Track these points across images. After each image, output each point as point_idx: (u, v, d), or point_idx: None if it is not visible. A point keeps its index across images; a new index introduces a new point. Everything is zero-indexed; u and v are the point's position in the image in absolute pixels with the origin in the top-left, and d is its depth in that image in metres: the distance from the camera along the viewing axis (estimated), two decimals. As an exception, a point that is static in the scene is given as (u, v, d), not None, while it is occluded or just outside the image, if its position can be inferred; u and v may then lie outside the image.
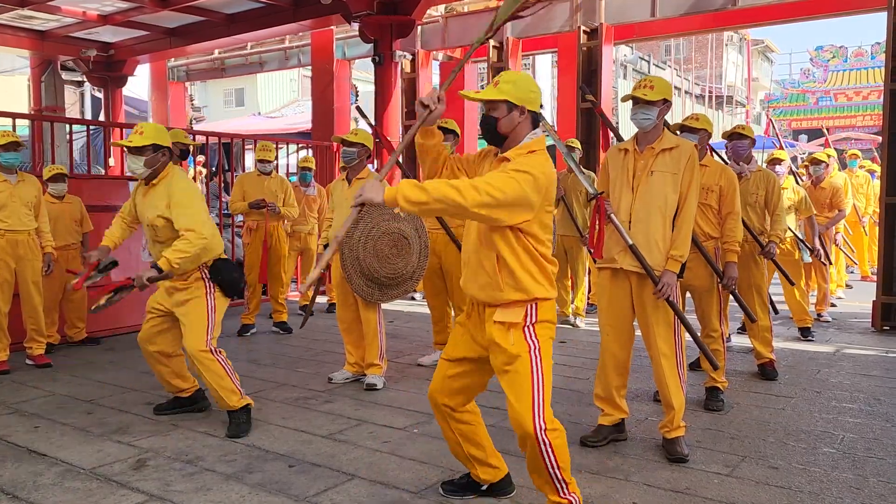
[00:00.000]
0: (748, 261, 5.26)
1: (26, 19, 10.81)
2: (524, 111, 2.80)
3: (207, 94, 30.15)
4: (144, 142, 4.04)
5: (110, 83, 13.20)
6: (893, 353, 6.22)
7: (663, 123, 3.79)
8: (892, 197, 7.20)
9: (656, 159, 3.70)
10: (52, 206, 6.15)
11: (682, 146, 3.72)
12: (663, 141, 3.73)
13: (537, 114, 2.86)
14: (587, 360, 5.91)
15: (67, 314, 6.56)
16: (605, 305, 3.87)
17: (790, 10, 9.14)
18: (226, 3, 10.12)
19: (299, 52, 14.24)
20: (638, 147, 3.78)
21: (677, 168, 3.67)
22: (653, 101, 3.67)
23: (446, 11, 11.36)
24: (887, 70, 7.21)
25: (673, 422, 3.74)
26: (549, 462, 2.77)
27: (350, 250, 4.94)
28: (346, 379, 5.33)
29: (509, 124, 2.81)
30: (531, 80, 2.90)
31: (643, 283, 3.69)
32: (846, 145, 20.61)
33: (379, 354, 5.15)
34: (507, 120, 2.81)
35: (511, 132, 2.83)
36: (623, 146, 3.86)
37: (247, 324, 7.22)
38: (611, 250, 3.75)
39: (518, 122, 2.80)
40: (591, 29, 9.52)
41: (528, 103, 2.80)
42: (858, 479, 3.44)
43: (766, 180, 5.37)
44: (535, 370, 2.78)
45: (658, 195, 3.67)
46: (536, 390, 2.76)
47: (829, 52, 29.69)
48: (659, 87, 3.69)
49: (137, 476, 3.52)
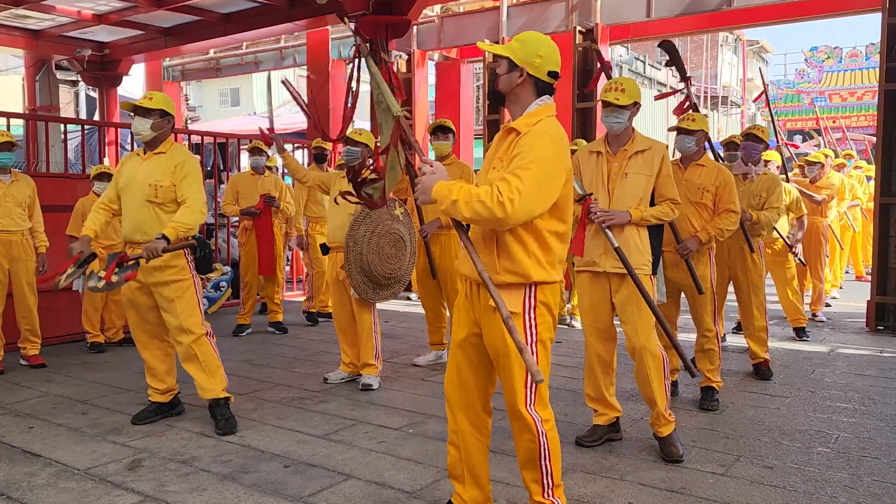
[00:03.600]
0: (745, 261, 5.28)
1: (21, 18, 10.77)
2: (523, 73, 2.64)
3: (202, 93, 30.12)
4: (154, 105, 4.19)
5: (105, 83, 13.14)
6: (888, 352, 6.24)
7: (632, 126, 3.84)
8: (887, 197, 7.23)
9: (629, 161, 3.75)
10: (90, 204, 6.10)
11: (655, 147, 3.77)
12: (635, 143, 3.78)
13: (545, 82, 2.68)
14: (582, 361, 5.89)
15: (106, 314, 6.55)
16: (587, 307, 3.91)
17: (785, 11, 9.18)
18: (221, 3, 10.09)
19: (295, 52, 14.24)
20: (610, 149, 3.82)
21: (651, 170, 3.74)
22: (624, 106, 3.71)
23: (442, 11, 11.36)
24: (882, 71, 7.23)
25: (660, 416, 3.76)
26: (541, 452, 2.71)
27: (354, 244, 4.96)
28: (342, 379, 5.32)
29: (507, 83, 2.68)
30: (543, 44, 2.67)
31: (623, 283, 3.72)
32: (842, 146, 20.66)
33: (374, 354, 5.15)
34: (505, 78, 2.69)
35: (510, 93, 2.70)
36: (594, 148, 3.90)
37: (242, 324, 7.21)
38: (591, 253, 3.78)
39: (516, 83, 2.66)
40: (586, 29, 9.53)
41: (530, 67, 2.63)
42: (853, 479, 3.45)
43: (769, 183, 5.40)
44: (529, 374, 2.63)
45: (633, 197, 3.72)
46: (529, 394, 2.69)
47: (824, 53, 29.78)
48: (629, 91, 3.72)
49: (132, 476, 3.51)
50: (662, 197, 3.81)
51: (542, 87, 2.68)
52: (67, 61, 13.06)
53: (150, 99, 4.21)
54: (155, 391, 4.39)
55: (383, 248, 5.03)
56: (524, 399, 2.67)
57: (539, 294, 2.66)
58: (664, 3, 9.15)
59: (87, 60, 12.57)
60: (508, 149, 2.63)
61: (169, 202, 4.17)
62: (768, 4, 8.84)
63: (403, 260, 5.20)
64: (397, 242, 5.12)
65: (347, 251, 4.95)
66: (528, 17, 10.28)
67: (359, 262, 4.96)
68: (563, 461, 3.62)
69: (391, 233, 5.06)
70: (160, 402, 4.40)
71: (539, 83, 2.67)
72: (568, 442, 3.90)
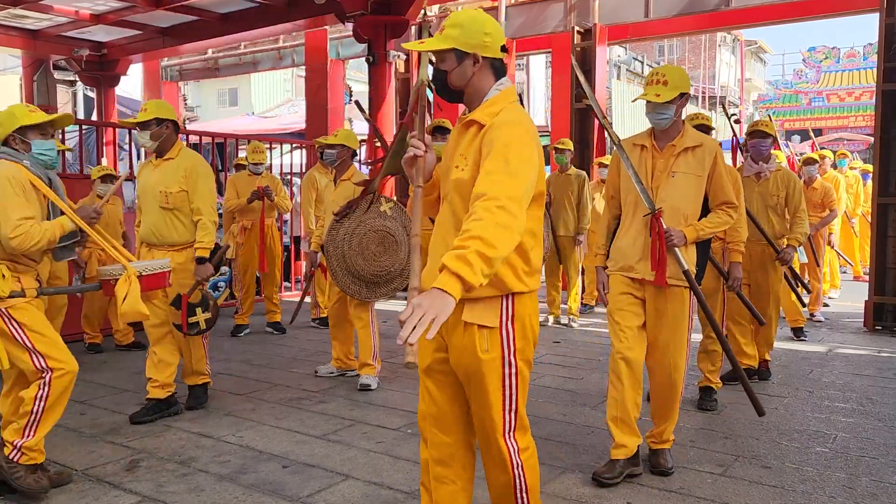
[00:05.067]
0: (765, 265, 5.07)
1: (18, 18, 10.75)
2: (478, 59, 2.31)
3: (201, 93, 30.07)
4: (147, 116, 4.33)
5: (103, 83, 13.12)
6: (885, 352, 6.25)
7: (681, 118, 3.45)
8: (885, 197, 7.23)
9: (678, 159, 3.37)
10: None
11: (706, 144, 3.40)
12: (685, 138, 3.40)
13: (499, 60, 2.36)
14: (581, 361, 5.92)
15: (113, 319, 6.52)
16: (620, 308, 3.45)
17: (783, 11, 9.19)
18: (219, 3, 10.09)
19: (293, 52, 14.22)
20: (656, 144, 3.44)
21: (702, 170, 3.37)
22: (669, 102, 3.34)
23: (440, 11, 11.36)
24: (879, 71, 7.24)
25: (663, 434, 3.57)
26: (517, 485, 2.36)
27: (335, 247, 4.94)
28: (331, 373, 5.40)
29: (461, 77, 2.33)
30: (484, 20, 2.36)
31: (661, 294, 3.37)
32: (838, 146, 20.71)
33: (372, 355, 5.14)
34: (458, 72, 2.33)
35: (466, 86, 2.35)
36: (638, 141, 3.50)
37: (240, 324, 7.21)
38: (628, 257, 3.42)
39: (472, 72, 2.32)
40: (584, 29, 9.54)
41: (482, 49, 2.30)
42: (851, 479, 3.45)
43: (786, 180, 5.13)
44: (506, 378, 2.31)
45: (680, 199, 3.35)
46: (507, 401, 2.32)
47: (822, 53, 29.78)
48: (673, 82, 3.34)
49: (130, 477, 3.50)
50: (717, 200, 3.44)
51: (499, 68, 2.37)
52: (65, 61, 13.04)
53: (145, 111, 4.37)
54: (156, 386, 4.41)
55: (367, 247, 4.95)
56: (502, 427, 2.32)
57: (517, 305, 2.32)
58: (662, 3, 9.16)
59: (85, 60, 12.56)
60: (471, 144, 2.29)
61: (181, 206, 4.36)
62: (766, 5, 8.85)
63: (396, 256, 5.07)
64: (384, 239, 5.01)
65: (328, 255, 4.96)
66: (527, 17, 10.29)
67: (342, 264, 4.96)
68: (562, 461, 3.63)
69: (377, 230, 4.98)
70: (158, 398, 4.40)
71: (495, 63, 2.35)
72: (567, 442, 3.90)
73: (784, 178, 5.15)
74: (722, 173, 3.41)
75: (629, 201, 3.48)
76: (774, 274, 5.11)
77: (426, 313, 1.82)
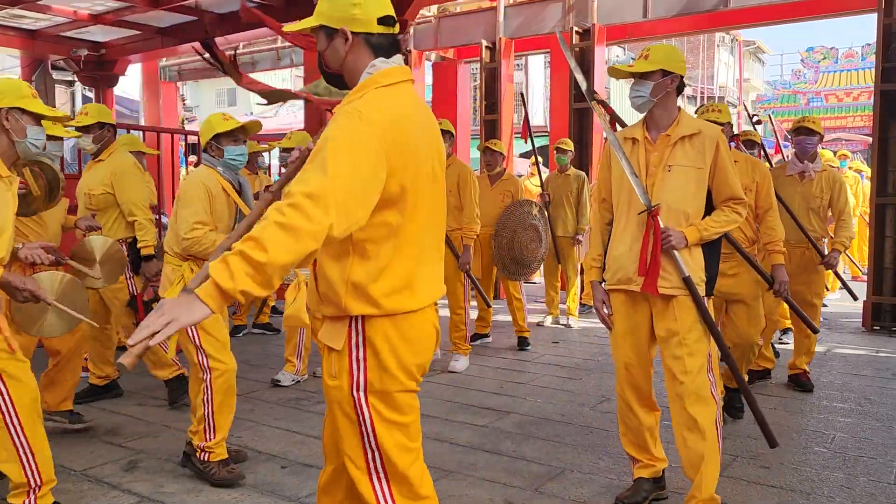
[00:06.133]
0: (808, 268, 4.87)
1: (16, 18, 10.74)
2: (347, 35, 1.94)
3: (199, 93, 30.07)
4: (90, 121, 4.55)
5: (101, 83, 13.10)
6: (883, 352, 6.26)
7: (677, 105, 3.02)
8: (883, 197, 7.24)
9: (674, 150, 2.94)
10: None
11: (706, 131, 2.95)
12: (680, 126, 2.95)
13: (381, 35, 1.97)
14: (580, 361, 5.92)
15: None
16: (623, 333, 3.07)
17: (781, 12, 9.19)
18: (218, 3, 10.08)
19: (291, 52, 14.22)
20: (649, 135, 3.01)
21: (702, 161, 2.92)
22: (646, 74, 2.91)
23: (439, 11, 11.35)
24: (877, 71, 7.26)
25: (702, 489, 2.87)
26: None
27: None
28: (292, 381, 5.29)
29: (335, 58, 1.99)
30: None
31: (669, 307, 2.92)
32: (837, 146, 20.72)
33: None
34: (330, 52, 1.99)
35: (342, 68, 2.00)
36: (629, 134, 3.07)
37: (238, 325, 7.21)
38: (626, 267, 2.97)
39: (344, 51, 1.96)
40: (583, 30, 9.54)
41: (350, 23, 1.93)
42: (849, 479, 3.46)
43: (832, 182, 4.89)
44: (358, 409, 1.95)
45: (679, 196, 2.92)
46: (365, 437, 1.96)
47: (820, 54, 29.82)
48: (654, 56, 2.92)
49: (129, 477, 3.50)
50: (722, 195, 2.98)
51: (379, 45, 1.97)
52: (64, 61, 13.03)
53: (86, 114, 4.59)
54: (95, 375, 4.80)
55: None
56: (365, 467, 1.98)
57: (368, 329, 1.93)
58: (661, 3, 9.16)
59: (84, 60, 12.55)
60: None
61: (104, 208, 4.52)
62: (764, 5, 8.85)
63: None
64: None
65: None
66: (525, 16, 10.28)
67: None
68: (561, 461, 3.63)
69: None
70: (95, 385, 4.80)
71: (372, 40, 1.96)
72: (566, 443, 3.90)
73: (829, 179, 4.92)
74: (726, 164, 2.95)
75: (622, 200, 3.04)
76: (818, 279, 4.94)
77: (163, 316, 1.60)
